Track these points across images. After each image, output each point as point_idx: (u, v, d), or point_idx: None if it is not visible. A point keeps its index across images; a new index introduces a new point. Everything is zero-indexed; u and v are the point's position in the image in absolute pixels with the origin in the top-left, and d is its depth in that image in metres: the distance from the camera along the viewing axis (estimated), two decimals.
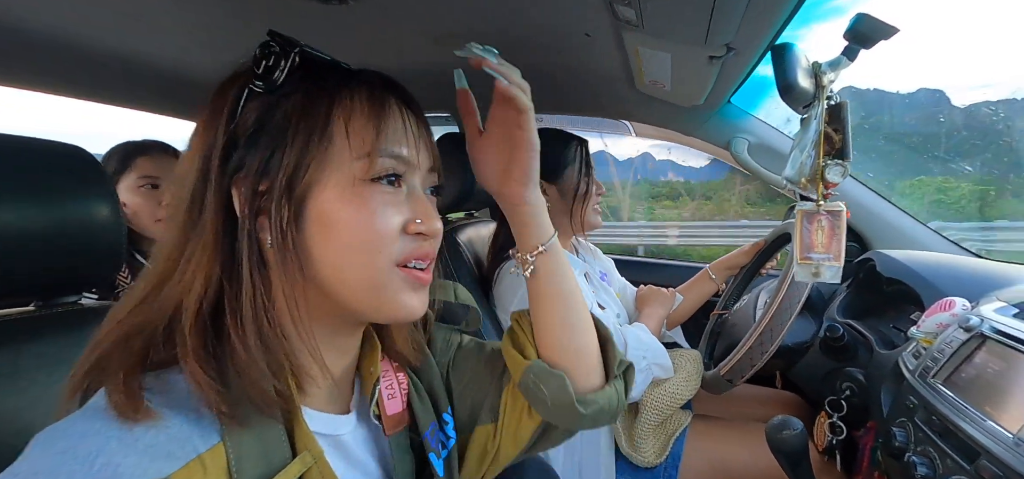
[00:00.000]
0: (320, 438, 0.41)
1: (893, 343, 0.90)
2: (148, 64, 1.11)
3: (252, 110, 0.38)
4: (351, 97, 0.40)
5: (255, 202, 0.37)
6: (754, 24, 0.71)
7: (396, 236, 0.40)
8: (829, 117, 0.62)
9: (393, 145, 0.40)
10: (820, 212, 0.66)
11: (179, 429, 0.33)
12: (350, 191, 0.38)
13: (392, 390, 0.49)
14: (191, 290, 0.36)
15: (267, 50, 0.39)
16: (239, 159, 0.37)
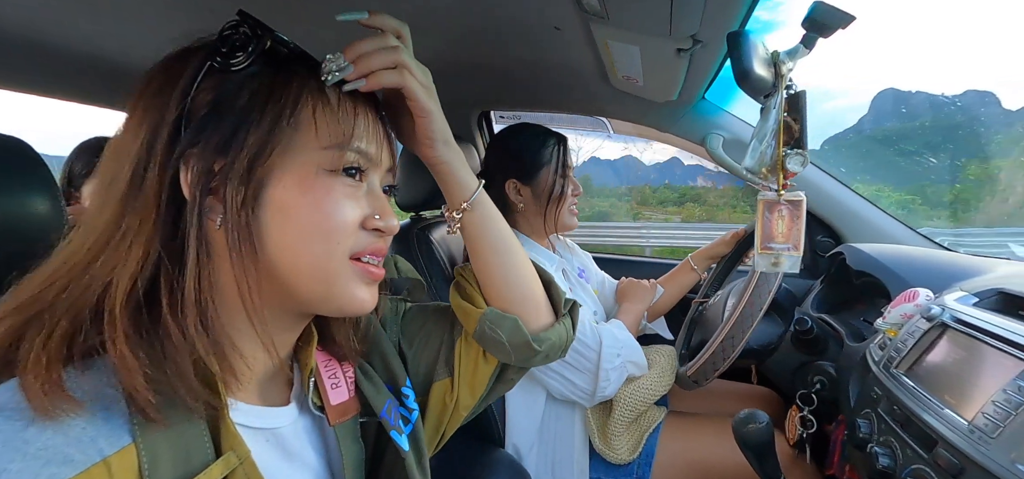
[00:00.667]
0: (256, 432, 0.40)
1: (863, 335, 0.90)
2: (121, 61, 1.08)
3: (210, 87, 0.37)
4: (322, 87, 0.40)
5: (208, 180, 0.36)
6: (716, 14, 0.71)
7: (354, 229, 0.40)
8: (788, 106, 0.61)
9: (360, 141, 0.40)
10: (780, 202, 0.66)
11: (82, 430, 0.30)
12: (312, 179, 0.38)
13: (336, 378, 0.48)
14: (125, 266, 0.34)
15: (235, 30, 0.38)
16: (193, 135, 0.36)
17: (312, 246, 0.38)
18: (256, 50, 0.38)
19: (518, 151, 1.10)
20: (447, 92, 1.54)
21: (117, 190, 0.36)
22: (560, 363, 0.96)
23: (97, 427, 0.31)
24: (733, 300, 0.97)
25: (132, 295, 0.34)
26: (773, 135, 0.63)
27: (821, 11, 0.57)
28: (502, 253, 0.53)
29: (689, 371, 0.99)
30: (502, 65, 1.17)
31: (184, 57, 0.39)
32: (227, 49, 0.38)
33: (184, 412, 0.34)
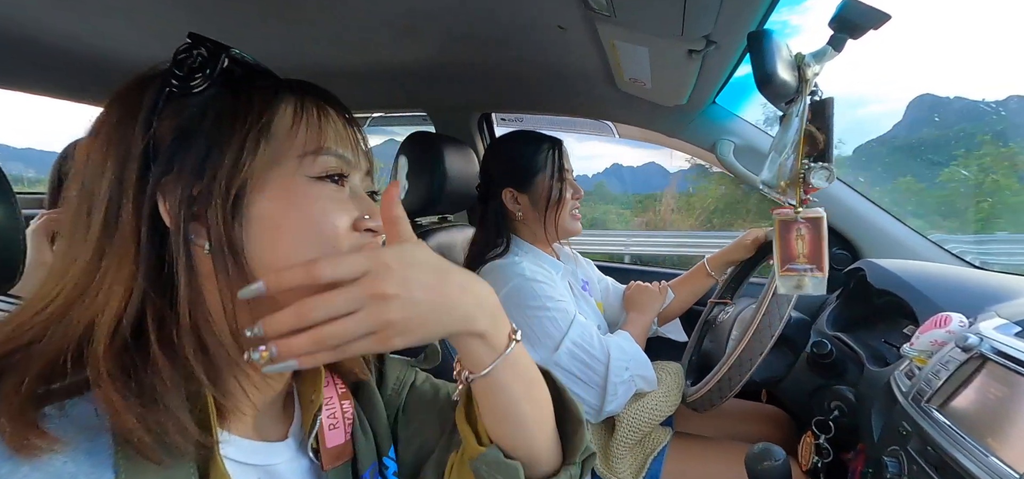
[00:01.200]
0: (250, 469, 0.38)
1: (885, 359, 0.84)
2: (110, 58, 1.05)
3: (172, 114, 0.36)
4: (287, 98, 0.39)
5: (190, 206, 0.35)
6: (733, 14, 0.65)
7: (346, 234, 0.39)
8: (812, 115, 0.56)
9: (336, 145, 0.40)
10: (798, 220, 0.60)
11: (62, 465, 0.28)
12: (294, 189, 0.37)
13: (335, 419, 0.45)
14: (106, 308, 0.33)
15: (190, 52, 0.37)
16: (166, 164, 0.35)
17: (303, 257, 0.36)
18: (216, 70, 0.37)
19: (512, 158, 1.06)
20: (446, 94, 1.50)
21: (91, 231, 0.35)
22: (566, 375, 0.91)
23: (78, 463, 0.29)
24: (743, 323, 0.92)
25: (116, 336, 0.32)
26: (794, 146, 0.58)
27: (851, 10, 0.51)
28: (526, 402, 0.43)
29: (692, 397, 0.94)
30: (503, 66, 1.12)
31: (141, 86, 0.37)
32: (184, 73, 0.36)
33: (172, 452, 0.32)
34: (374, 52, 1.04)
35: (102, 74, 1.13)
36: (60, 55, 1.03)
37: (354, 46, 1.02)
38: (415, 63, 1.11)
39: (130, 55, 1.04)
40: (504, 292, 0.94)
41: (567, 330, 0.92)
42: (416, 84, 1.25)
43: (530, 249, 1.05)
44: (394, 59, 1.08)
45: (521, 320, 0.93)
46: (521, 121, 1.48)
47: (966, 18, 19.71)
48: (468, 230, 1.26)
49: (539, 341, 0.92)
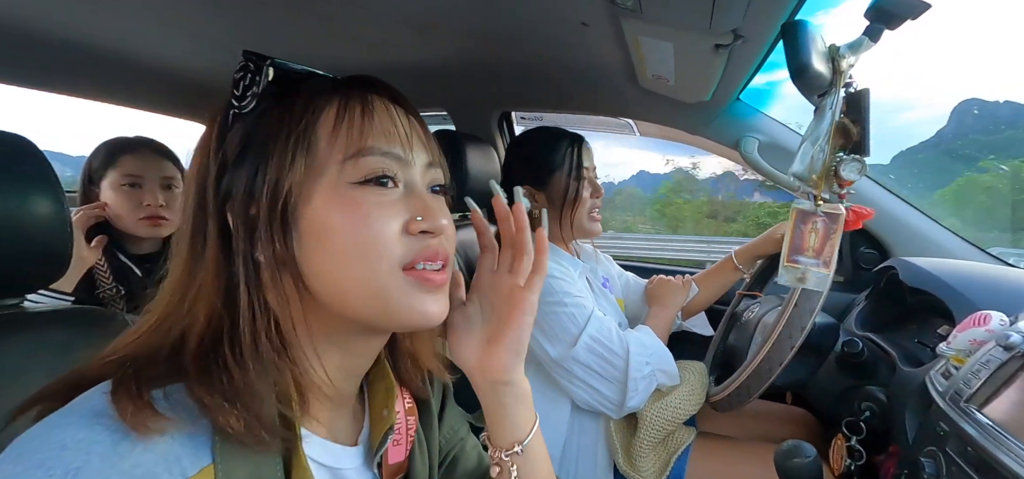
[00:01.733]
0: (321, 469, 0.39)
1: (919, 360, 0.82)
2: (131, 59, 1.08)
3: (236, 132, 0.37)
4: (330, 100, 0.38)
5: (248, 225, 0.36)
6: (763, 6, 0.64)
7: (396, 239, 0.37)
8: (846, 107, 0.55)
9: (381, 142, 0.38)
10: (817, 213, 0.59)
11: (168, 448, 0.30)
12: (339, 197, 0.37)
13: (399, 435, 0.46)
14: (194, 326, 0.35)
15: (242, 70, 0.38)
16: (228, 183, 0.37)
17: (354, 266, 0.36)
18: (259, 86, 0.37)
19: (530, 156, 1.06)
20: (466, 92, 1.51)
21: (184, 248, 0.37)
22: (586, 371, 0.91)
23: (182, 445, 0.31)
24: (765, 329, 0.90)
25: (201, 349, 0.35)
26: (827, 138, 0.57)
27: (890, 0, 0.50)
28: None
29: (715, 397, 0.93)
30: (524, 64, 1.12)
31: (221, 108, 0.39)
32: (239, 93, 0.37)
33: (261, 441, 0.34)
34: (395, 51, 1.06)
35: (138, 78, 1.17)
36: (105, 61, 1.07)
37: (375, 45, 1.04)
38: (436, 62, 1.12)
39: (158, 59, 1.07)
40: None
41: (585, 325, 0.91)
42: (436, 83, 1.26)
43: (550, 247, 1.05)
44: (415, 58, 1.10)
45: (539, 317, 0.93)
46: (541, 120, 1.48)
47: (1015, 18, 18.41)
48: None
49: (557, 337, 0.92)
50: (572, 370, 0.92)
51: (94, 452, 0.28)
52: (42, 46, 0.98)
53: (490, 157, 1.24)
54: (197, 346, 0.35)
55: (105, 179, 1.09)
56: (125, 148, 1.11)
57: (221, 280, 0.36)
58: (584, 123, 1.44)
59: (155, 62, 1.09)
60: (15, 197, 0.51)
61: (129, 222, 1.09)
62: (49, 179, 0.54)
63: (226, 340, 0.35)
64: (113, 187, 1.08)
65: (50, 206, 0.54)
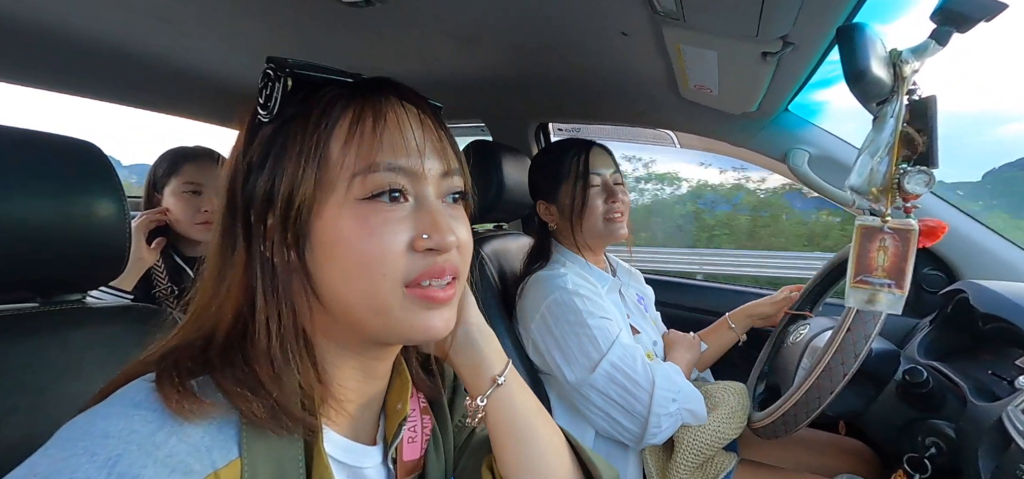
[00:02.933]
0: (340, 466, 0.40)
1: (993, 394, 0.74)
2: (189, 72, 1.15)
3: (261, 140, 0.38)
4: (344, 112, 0.38)
5: (268, 231, 0.38)
6: (814, 12, 0.61)
7: (401, 255, 0.37)
8: (911, 115, 0.51)
9: (390, 157, 0.37)
10: (883, 229, 0.55)
11: (200, 439, 0.32)
12: (348, 211, 0.37)
13: (414, 433, 0.47)
14: (222, 321, 0.37)
15: (266, 77, 0.38)
16: (250, 191, 0.38)
17: (357, 281, 0.37)
18: (278, 94, 0.37)
19: (542, 169, 1.07)
20: (504, 104, 1.52)
21: (214, 249, 0.39)
22: (604, 399, 0.88)
23: (212, 437, 0.33)
24: (814, 354, 0.85)
25: (228, 343, 0.37)
26: (888, 149, 0.53)
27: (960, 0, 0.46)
28: (526, 442, 0.48)
29: (758, 424, 0.87)
30: (562, 76, 1.12)
31: (252, 114, 0.40)
32: (263, 100, 0.38)
33: (284, 432, 0.35)
34: (436, 63, 1.08)
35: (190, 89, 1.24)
36: (156, 71, 1.14)
37: (417, 57, 1.06)
38: (475, 73, 1.13)
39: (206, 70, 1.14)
40: (544, 305, 0.92)
41: (607, 351, 0.88)
42: (475, 94, 1.27)
43: (576, 259, 1.03)
44: (455, 70, 1.11)
45: (558, 335, 0.91)
46: (578, 131, 1.47)
47: None
48: (522, 238, 1.26)
49: (575, 360, 0.89)
50: (589, 397, 0.89)
51: (132, 441, 0.30)
52: (97, 56, 1.04)
53: (525, 168, 1.24)
54: (224, 340, 0.37)
55: (168, 186, 1.16)
56: (187, 157, 1.19)
57: (247, 280, 0.38)
58: (621, 134, 1.42)
59: (204, 73, 1.16)
60: (82, 200, 0.55)
61: (187, 226, 1.16)
62: (113, 184, 0.58)
63: (248, 336, 0.37)
64: (175, 193, 1.15)
65: (113, 210, 0.57)
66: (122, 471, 0.28)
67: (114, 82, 1.16)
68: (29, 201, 0.51)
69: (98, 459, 0.29)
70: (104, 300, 0.66)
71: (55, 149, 0.55)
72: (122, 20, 0.91)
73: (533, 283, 0.97)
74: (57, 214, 0.53)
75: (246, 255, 0.38)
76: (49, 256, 0.53)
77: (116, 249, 0.58)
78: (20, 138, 0.53)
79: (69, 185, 0.54)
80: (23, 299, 0.56)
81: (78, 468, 0.28)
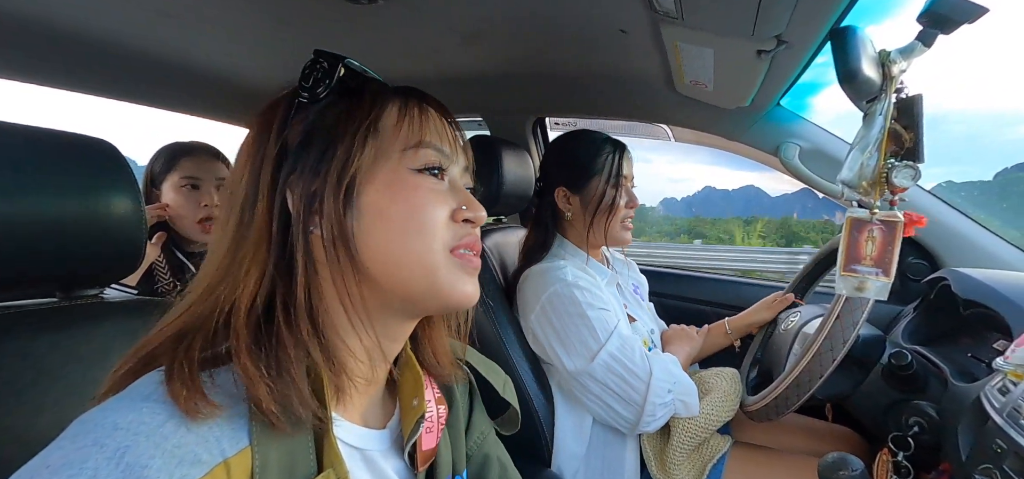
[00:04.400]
0: (351, 450, 0.41)
1: (972, 375, 0.79)
2: (197, 70, 1.15)
3: (301, 120, 0.41)
4: (392, 100, 0.43)
5: (311, 201, 0.39)
6: (809, 13, 0.64)
7: (445, 223, 0.43)
8: (898, 112, 0.54)
9: (436, 140, 0.44)
10: (872, 221, 0.58)
11: (209, 429, 0.33)
12: (399, 180, 0.41)
13: (430, 423, 0.48)
14: (245, 288, 0.38)
15: (314, 66, 0.42)
16: (292, 164, 0.40)
17: (412, 242, 0.40)
18: (334, 79, 0.42)
19: (570, 158, 1.05)
20: (503, 99, 1.54)
21: (231, 225, 0.40)
22: (602, 388, 0.91)
23: (221, 428, 0.33)
24: (805, 340, 0.89)
25: (252, 312, 0.37)
26: (877, 145, 0.56)
27: (944, 4, 0.49)
28: None
29: (750, 407, 0.91)
30: (561, 71, 1.14)
31: (275, 105, 0.43)
32: (310, 85, 0.42)
33: (295, 422, 0.36)
34: (440, 60, 1.09)
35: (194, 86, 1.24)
36: (164, 70, 1.14)
37: (422, 55, 1.08)
38: (475, 69, 1.15)
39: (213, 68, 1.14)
40: (545, 297, 0.94)
41: (606, 341, 0.90)
42: (475, 90, 1.29)
43: (577, 252, 1.05)
44: (457, 67, 1.13)
45: (558, 326, 0.93)
46: (574, 124, 1.49)
47: None
48: (521, 231, 1.28)
49: (575, 350, 0.92)
50: (587, 386, 0.91)
51: (141, 433, 0.30)
52: (101, 53, 1.04)
53: (525, 162, 1.26)
54: (248, 311, 0.37)
55: (166, 181, 1.16)
56: (185, 152, 1.19)
57: (272, 248, 0.39)
58: (618, 128, 1.45)
59: (209, 70, 1.16)
60: (100, 197, 0.56)
61: (188, 222, 1.16)
62: (129, 181, 0.59)
63: (281, 302, 0.38)
64: (174, 188, 1.15)
65: (130, 206, 0.58)
66: (130, 462, 0.29)
67: (119, 79, 1.16)
68: (49, 198, 0.52)
69: (107, 450, 0.29)
70: (112, 295, 0.67)
71: (73, 148, 0.56)
72: (127, 17, 0.91)
73: (533, 275, 0.99)
74: (77, 211, 0.54)
75: (267, 231, 0.39)
76: (69, 252, 0.55)
77: (134, 244, 0.59)
78: (39, 137, 0.54)
79: (87, 182, 0.55)
80: (43, 294, 0.58)
81: (87, 459, 0.29)
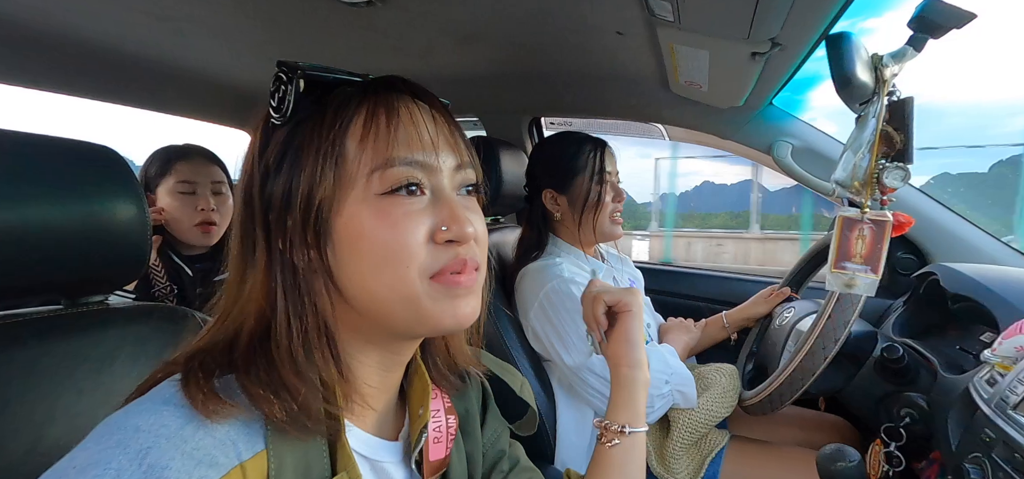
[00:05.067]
0: (364, 460, 0.41)
1: (961, 367, 0.81)
2: (191, 72, 1.15)
3: (276, 143, 0.38)
4: (358, 110, 0.38)
5: (288, 233, 0.38)
6: (803, 15, 0.66)
7: (422, 247, 0.38)
8: (890, 115, 0.56)
9: (406, 152, 0.38)
10: (863, 220, 0.60)
11: (226, 433, 0.33)
12: (369, 207, 0.37)
13: (439, 433, 0.47)
14: (246, 323, 0.38)
15: (277, 81, 0.38)
16: (268, 193, 0.38)
17: (383, 274, 0.37)
18: (292, 96, 0.38)
19: (554, 159, 1.07)
20: (499, 99, 1.55)
21: (236, 251, 0.40)
22: (601, 382, 0.92)
23: (238, 431, 0.34)
24: (798, 337, 0.91)
25: (251, 346, 0.37)
26: (869, 146, 0.58)
27: (933, 9, 0.51)
28: None
29: (748, 401, 0.93)
30: (558, 72, 1.15)
31: (263, 118, 0.40)
32: (276, 104, 0.38)
33: (306, 431, 0.36)
34: (436, 61, 1.09)
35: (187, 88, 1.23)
36: (162, 74, 1.14)
37: (416, 55, 1.08)
38: (472, 70, 1.15)
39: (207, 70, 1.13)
40: (543, 294, 0.95)
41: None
42: (471, 90, 1.29)
43: (571, 250, 1.06)
44: (452, 67, 1.13)
45: (556, 322, 0.94)
46: (570, 125, 1.50)
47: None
48: (519, 230, 1.29)
49: (573, 345, 0.93)
50: (586, 380, 0.93)
51: (162, 434, 0.31)
52: (92, 56, 1.03)
53: (522, 162, 1.27)
54: (247, 342, 0.37)
55: (161, 185, 1.15)
56: (179, 156, 1.18)
57: (268, 282, 0.38)
58: (615, 128, 1.46)
59: (204, 73, 1.16)
60: (104, 203, 0.56)
61: (185, 226, 1.15)
62: (133, 186, 0.59)
63: (271, 338, 0.37)
64: (170, 193, 1.14)
65: (134, 212, 0.58)
66: (152, 462, 0.30)
67: (113, 82, 1.15)
68: (54, 206, 0.52)
69: (130, 451, 0.30)
70: (116, 301, 0.67)
71: (76, 154, 0.56)
72: (121, 20, 0.90)
73: (530, 273, 1.00)
74: (81, 217, 0.54)
75: (266, 257, 0.38)
76: (75, 259, 0.55)
77: (138, 249, 0.60)
78: (43, 144, 0.53)
79: (91, 189, 0.55)
80: (49, 302, 0.58)
81: (112, 460, 0.30)
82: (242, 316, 0.38)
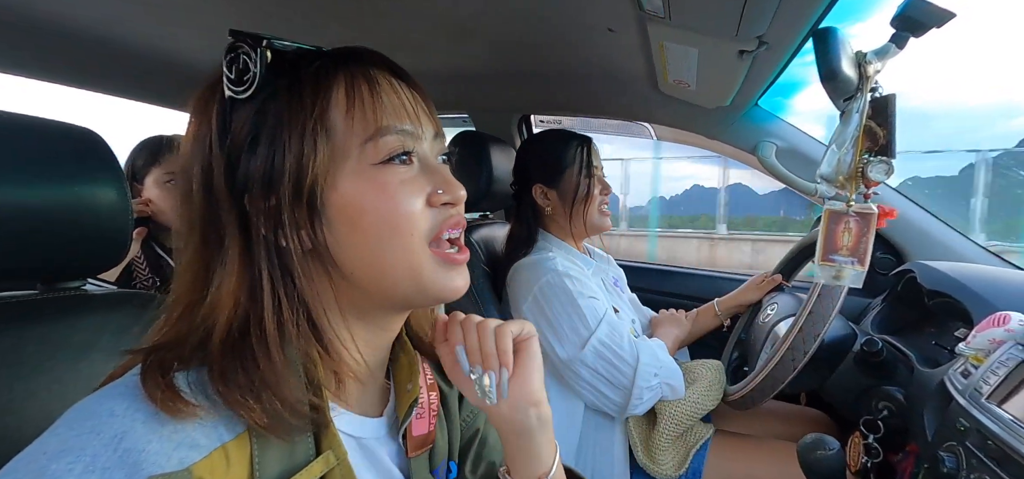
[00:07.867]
0: (347, 438, 0.40)
1: (936, 361, 0.83)
2: (178, 63, 1.11)
3: (243, 120, 0.35)
4: (337, 80, 0.37)
5: (271, 218, 0.36)
6: (790, 14, 0.67)
7: (422, 213, 0.39)
8: (873, 111, 0.57)
9: (395, 120, 0.38)
10: (849, 213, 0.62)
11: (206, 416, 0.32)
12: (365, 179, 0.37)
13: (422, 408, 0.47)
14: (219, 318, 0.35)
15: (235, 51, 0.35)
16: (243, 175, 0.35)
17: (390, 244, 0.37)
18: (258, 70, 0.35)
19: (543, 155, 1.10)
20: (490, 96, 1.54)
21: (195, 238, 0.37)
22: (593, 374, 0.94)
23: (219, 415, 0.33)
24: (781, 331, 0.93)
25: (228, 339, 0.35)
26: (853, 141, 0.59)
27: (915, 8, 0.53)
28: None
29: (732, 396, 0.95)
30: (548, 69, 1.15)
31: (210, 91, 0.37)
32: (235, 77, 0.35)
33: (287, 429, 0.34)
34: (428, 57, 1.09)
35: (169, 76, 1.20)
36: (149, 64, 1.10)
37: (410, 51, 1.07)
38: (463, 66, 1.15)
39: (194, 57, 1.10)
40: (537, 287, 0.96)
41: (595, 328, 0.93)
42: (462, 87, 1.29)
43: (562, 245, 1.08)
44: (445, 63, 1.13)
45: (550, 315, 0.95)
46: (559, 122, 1.51)
47: None
48: (507, 226, 1.29)
49: (566, 338, 0.94)
50: (579, 372, 0.94)
51: (137, 419, 0.30)
52: (81, 43, 0.99)
53: (511, 159, 1.27)
54: (223, 338, 0.34)
55: (149, 176, 1.13)
56: (167, 146, 1.16)
57: (245, 271, 0.35)
58: (604, 127, 1.47)
59: (190, 64, 1.13)
60: (84, 186, 0.55)
61: (171, 217, 1.13)
62: (115, 170, 0.57)
63: (253, 330, 0.35)
64: (158, 184, 1.13)
65: (115, 196, 0.57)
66: (128, 447, 0.29)
67: (97, 69, 1.11)
68: (32, 188, 0.50)
69: (104, 436, 0.29)
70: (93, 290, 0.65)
71: (57, 136, 0.54)
72: (105, 4, 0.88)
73: (523, 267, 1.01)
74: (59, 200, 0.52)
75: (241, 245, 0.36)
76: (53, 243, 0.53)
77: (119, 235, 0.58)
78: (19, 124, 0.52)
79: (70, 171, 0.54)
80: (23, 286, 0.56)
81: (86, 446, 0.28)
82: (213, 310, 0.35)
